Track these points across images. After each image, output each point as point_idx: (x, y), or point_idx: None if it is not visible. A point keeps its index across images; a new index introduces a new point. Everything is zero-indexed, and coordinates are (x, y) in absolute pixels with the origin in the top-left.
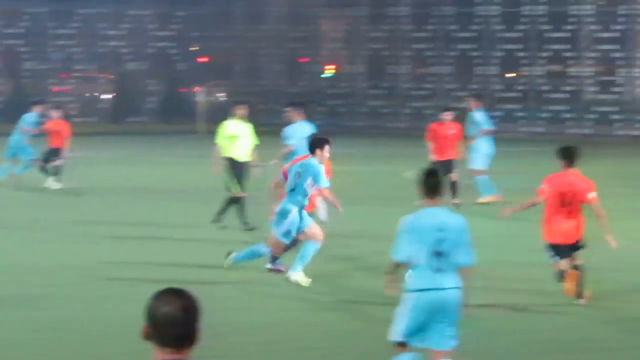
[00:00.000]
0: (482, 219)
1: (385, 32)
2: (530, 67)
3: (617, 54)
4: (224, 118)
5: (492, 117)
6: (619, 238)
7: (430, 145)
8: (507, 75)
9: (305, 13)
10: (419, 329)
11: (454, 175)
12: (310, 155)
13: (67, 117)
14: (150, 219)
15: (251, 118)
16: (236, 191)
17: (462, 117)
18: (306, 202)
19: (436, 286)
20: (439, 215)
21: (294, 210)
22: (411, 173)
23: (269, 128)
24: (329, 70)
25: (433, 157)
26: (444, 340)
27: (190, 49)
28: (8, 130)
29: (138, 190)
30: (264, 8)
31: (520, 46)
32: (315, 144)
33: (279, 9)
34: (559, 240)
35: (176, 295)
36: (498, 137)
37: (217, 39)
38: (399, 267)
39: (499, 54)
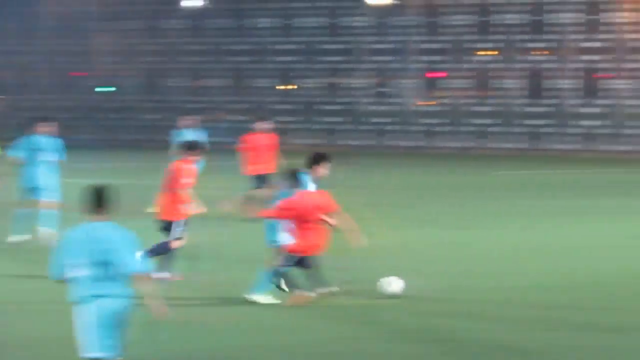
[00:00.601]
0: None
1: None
2: (305, 80)
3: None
4: None
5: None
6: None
7: (244, 157)
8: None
9: (78, 27)
10: (100, 338)
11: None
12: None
13: None
14: None
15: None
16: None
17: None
18: None
19: (101, 293)
20: (103, 228)
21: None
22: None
23: None
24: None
25: (249, 170)
26: (112, 348)
27: None
28: None
29: None
30: (36, 23)
31: (295, 58)
32: (314, 160)
33: (51, 23)
34: (301, 251)
35: None
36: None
37: None
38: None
39: (272, 66)
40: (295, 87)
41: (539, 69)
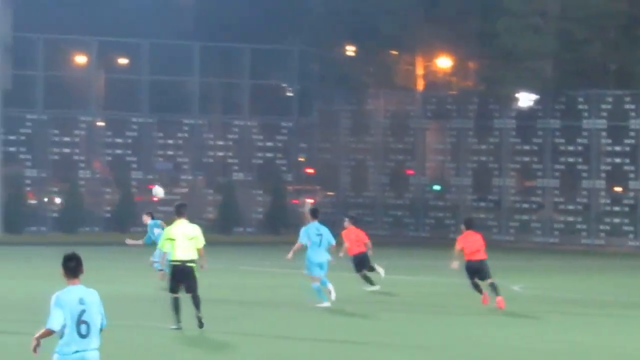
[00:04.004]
0: None
1: (489, 144)
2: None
3: None
4: (333, 229)
5: None
6: None
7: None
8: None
9: (409, 124)
10: None
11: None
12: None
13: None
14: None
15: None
16: None
17: None
18: None
19: (82, 348)
20: (79, 292)
21: None
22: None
23: (376, 240)
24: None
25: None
26: None
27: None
28: (116, 238)
29: (250, 300)
30: (368, 119)
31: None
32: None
33: (383, 120)
34: None
35: None
36: None
37: (323, 150)
38: (49, 334)
39: (605, 167)
40: (621, 189)
41: None
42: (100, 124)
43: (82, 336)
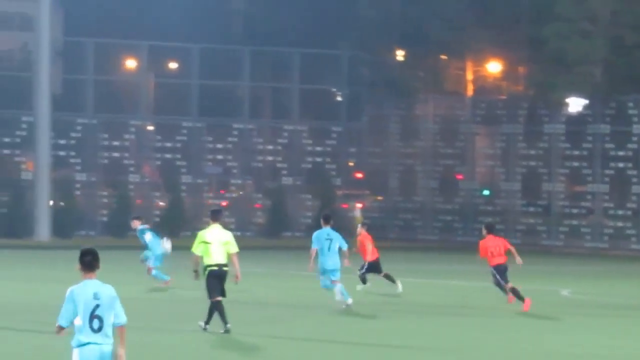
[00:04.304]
0: None
1: (539, 149)
2: None
3: None
4: (382, 234)
5: None
6: None
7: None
8: None
9: (459, 129)
10: None
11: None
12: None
13: None
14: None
15: (405, 233)
16: None
17: None
18: None
19: (94, 341)
20: (94, 286)
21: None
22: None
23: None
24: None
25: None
26: None
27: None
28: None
29: (298, 304)
30: (418, 124)
31: None
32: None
33: (432, 125)
34: None
35: None
36: None
37: (372, 155)
38: (61, 330)
39: None
40: None
41: None
42: (150, 128)
43: (95, 330)
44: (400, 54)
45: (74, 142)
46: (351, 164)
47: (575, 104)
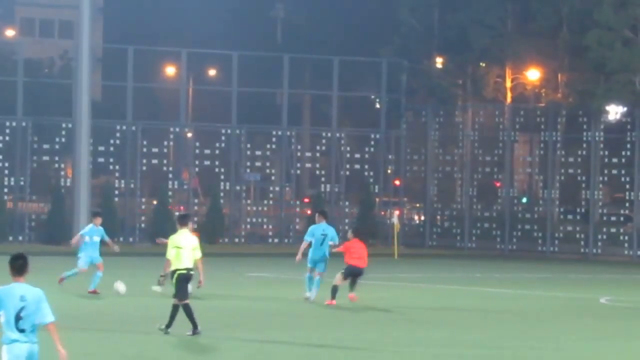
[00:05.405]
0: None
1: (579, 157)
2: None
3: None
4: (420, 241)
5: None
6: None
7: None
8: None
9: (498, 137)
10: None
11: None
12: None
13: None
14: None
15: (443, 240)
16: None
17: None
18: None
19: (20, 340)
20: (22, 289)
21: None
22: None
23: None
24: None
25: None
26: None
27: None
28: (206, 249)
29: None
30: (457, 132)
31: None
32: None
33: (471, 132)
34: None
35: None
36: None
37: (411, 162)
38: None
39: None
40: None
41: None
42: (189, 135)
43: (20, 330)
44: (439, 62)
45: (113, 149)
46: (390, 171)
47: (615, 112)
